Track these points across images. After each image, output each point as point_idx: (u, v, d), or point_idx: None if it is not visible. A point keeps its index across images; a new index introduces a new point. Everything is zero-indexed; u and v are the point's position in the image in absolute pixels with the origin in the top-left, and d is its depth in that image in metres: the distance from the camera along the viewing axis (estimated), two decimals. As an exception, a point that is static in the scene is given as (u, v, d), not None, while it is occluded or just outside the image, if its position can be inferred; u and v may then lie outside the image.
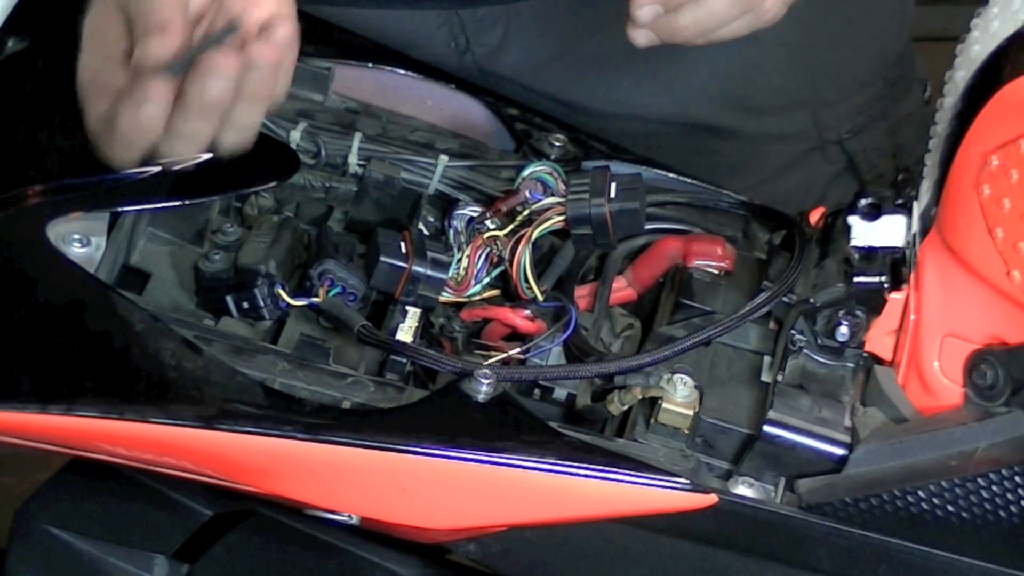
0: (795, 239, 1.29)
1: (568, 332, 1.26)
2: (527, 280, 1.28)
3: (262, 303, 1.27)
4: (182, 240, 1.32)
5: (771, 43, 1.35)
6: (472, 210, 1.33)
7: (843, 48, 1.63)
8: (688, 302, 1.29)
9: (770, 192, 1.49)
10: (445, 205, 1.36)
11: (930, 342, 1.19)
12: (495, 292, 1.31)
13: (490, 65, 1.60)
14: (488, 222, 1.31)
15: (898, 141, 1.67)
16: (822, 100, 1.62)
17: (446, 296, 1.30)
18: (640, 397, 1.21)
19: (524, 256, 1.29)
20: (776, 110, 1.34)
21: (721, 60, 1.55)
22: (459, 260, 1.30)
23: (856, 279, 1.21)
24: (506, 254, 1.29)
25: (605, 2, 1.50)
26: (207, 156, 1.21)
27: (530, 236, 1.28)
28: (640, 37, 1.26)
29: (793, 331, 1.22)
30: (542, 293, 1.28)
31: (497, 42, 1.59)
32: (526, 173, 1.32)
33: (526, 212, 1.30)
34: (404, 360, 1.24)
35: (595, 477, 1.14)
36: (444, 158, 1.38)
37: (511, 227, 1.29)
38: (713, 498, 1.15)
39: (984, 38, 1.17)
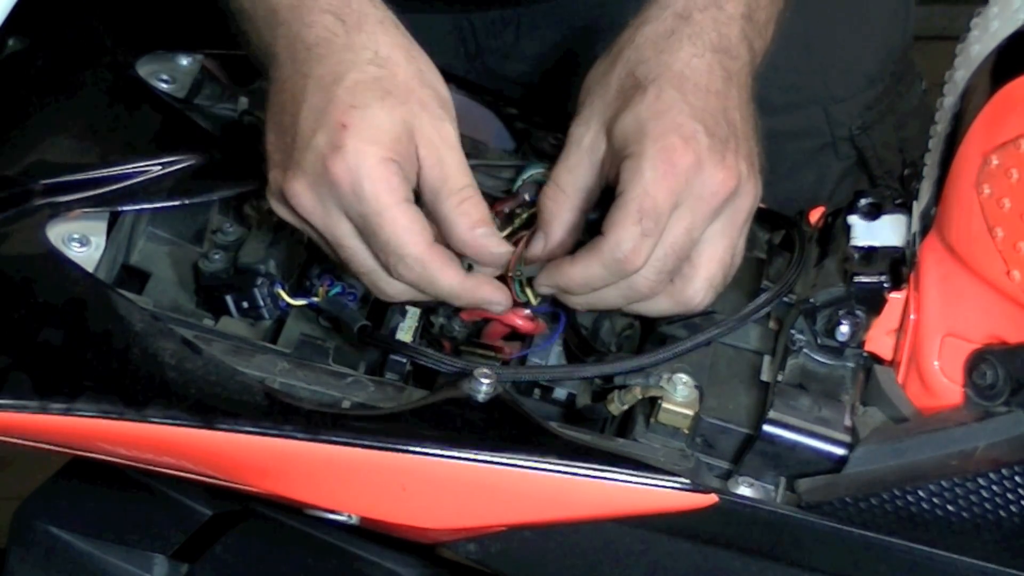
0: (795, 239, 1.29)
1: (556, 334, 1.27)
2: (522, 284, 1.27)
3: (262, 303, 1.27)
4: (182, 240, 1.32)
5: (784, 40, 1.35)
6: (472, 210, 1.33)
7: (853, 43, 1.63)
8: (688, 302, 1.29)
9: (783, 189, 1.49)
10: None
11: (930, 342, 1.19)
12: (495, 292, 1.31)
13: (500, 69, 1.59)
14: None
15: (904, 135, 1.67)
16: (833, 96, 1.62)
17: (446, 296, 1.30)
18: (640, 397, 1.21)
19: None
20: (789, 108, 1.35)
21: None
22: (458, 260, 1.30)
23: (856, 279, 1.20)
24: None
25: (616, 5, 1.50)
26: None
27: (528, 240, 1.27)
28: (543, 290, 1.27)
29: (793, 331, 1.22)
30: (536, 298, 1.28)
31: (508, 47, 1.59)
32: (526, 176, 1.32)
33: (525, 215, 1.30)
34: (404, 360, 1.24)
35: (595, 477, 1.14)
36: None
37: (510, 229, 1.29)
38: (713, 498, 1.15)
39: (984, 38, 1.17)
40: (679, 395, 1.21)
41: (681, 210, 1.19)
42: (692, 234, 1.20)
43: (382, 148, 1.16)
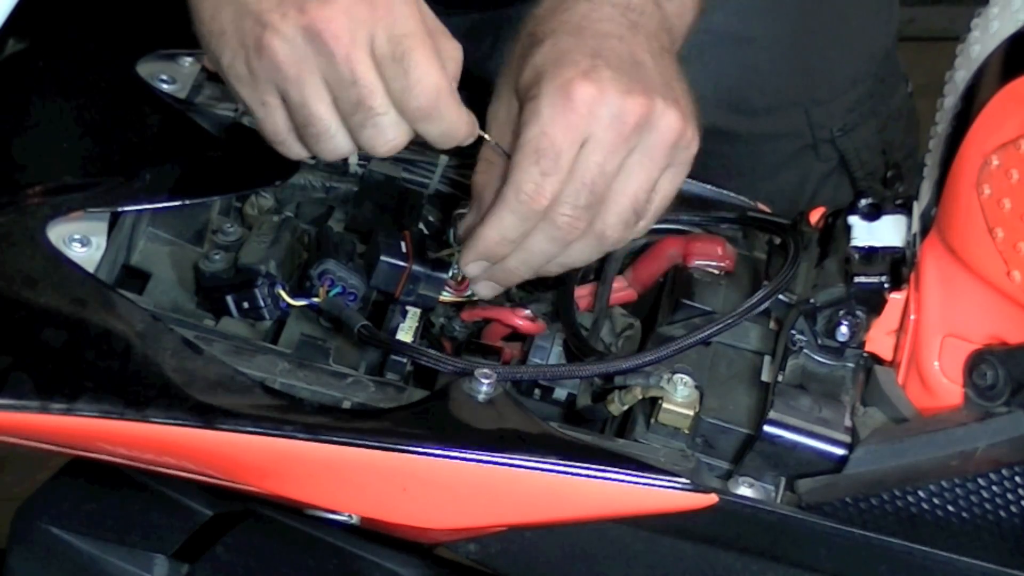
0: (789, 244, 1.29)
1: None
2: None
3: (262, 303, 1.27)
4: (182, 240, 1.32)
5: (766, 43, 1.35)
6: (473, 210, 1.33)
7: (835, 46, 1.63)
8: (688, 302, 1.29)
9: (764, 191, 1.50)
10: (445, 205, 1.36)
11: (930, 342, 1.19)
12: (495, 292, 1.31)
13: (479, 73, 1.59)
14: None
15: (887, 137, 1.67)
16: (815, 99, 1.63)
17: (446, 296, 1.30)
18: (640, 397, 1.21)
19: None
20: (771, 110, 1.35)
21: (716, 63, 1.55)
22: (459, 260, 1.30)
23: (856, 279, 1.21)
24: None
25: None
26: None
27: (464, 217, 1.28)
28: (482, 290, 1.26)
29: (793, 331, 1.22)
30: None
31: (487, 50, 1.59)
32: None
33: None
34: (404, 360, 1.24)
35: (595, 477, 1.14)
36: (444, 158, 1.38)
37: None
38: (713, 498, 1.15)
39: (984, 38, 1.17)
40: (679, 395, 1.21)
41: (591, 143, 1.18)
42: (604, 167, 1.18)
43: None
